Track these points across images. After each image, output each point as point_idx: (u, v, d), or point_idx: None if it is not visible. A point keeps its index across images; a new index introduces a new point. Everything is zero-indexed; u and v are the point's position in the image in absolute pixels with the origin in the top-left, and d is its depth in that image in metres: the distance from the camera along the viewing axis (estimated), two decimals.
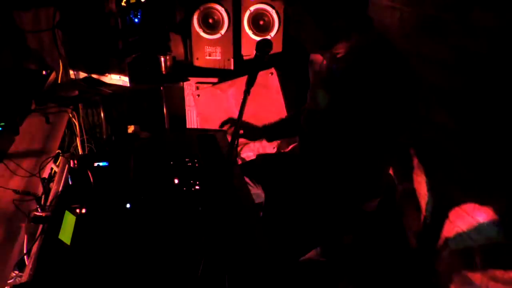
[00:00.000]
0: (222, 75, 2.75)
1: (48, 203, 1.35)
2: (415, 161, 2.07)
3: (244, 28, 2.68)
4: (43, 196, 1.35)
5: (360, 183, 1.59)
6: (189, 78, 2.75)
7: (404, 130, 1.45)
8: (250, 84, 1.35)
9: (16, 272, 1.45)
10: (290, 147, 2.20)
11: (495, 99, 1.58)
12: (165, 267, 1.06)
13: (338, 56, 1.47)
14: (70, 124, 2.63)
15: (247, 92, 1.33)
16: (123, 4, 2.38)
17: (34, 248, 1.19)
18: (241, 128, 1.55)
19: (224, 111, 2.69)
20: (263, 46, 1.41)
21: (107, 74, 2.44)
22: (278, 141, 2.62)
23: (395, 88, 1.36)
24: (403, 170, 2.17)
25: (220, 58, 2.76)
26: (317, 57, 1.60)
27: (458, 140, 1.78)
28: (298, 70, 2.70)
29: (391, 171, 2.23)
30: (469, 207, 1.74)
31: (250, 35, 2.68)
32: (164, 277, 1.04)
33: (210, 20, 2.68)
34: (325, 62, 1.55)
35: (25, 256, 1.24)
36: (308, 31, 1.44)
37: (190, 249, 1.11)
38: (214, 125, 2.68)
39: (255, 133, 1.93)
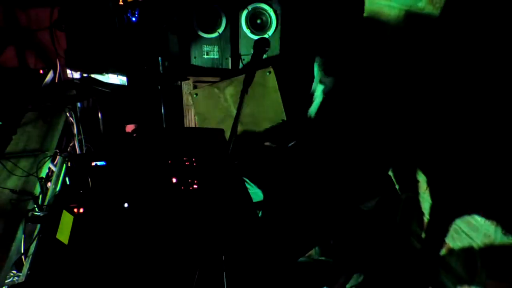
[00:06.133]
0: (220, 74, 2.74)
1: (45, 203, 1.35)
2: (416, 164, 2.07)
3: (241, 27, 2.68)
4: (40, 196, 1.35)
5: (359, 183, 1.59)
6: (187, 77, 2.75)
7: (402, 131, 1.45)
8: (247, 82, 1.34)
9: (14, 271, 1.44)
10: (289, 146, 2.20)
11: (493, 99, 1.58)
12: (163, 266, 1.06)
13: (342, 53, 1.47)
14: (67, 124, 2.63)
15: (244, 91, 1.32)
16: (120, 3, 2.38)
17: (32, 247, 1.19)
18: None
19: (222, 110, 2.69)
20: (261, 45, 1.41)
21: (104, 74, 2.43)
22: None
23: (392, 88, 1.36)
24: (404, 173, 2.16)
25: (217, 57, 2.76)
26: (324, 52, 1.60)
27: (457, 140, 1.78)
28: (296, 69, 2.70)
29: (390, 173, 2.23)
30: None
31: (247, 34, 2.68)
32: (162, 276, 1.04)
33: (208, 19, 2.67)
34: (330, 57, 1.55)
35: (22, 256, 1.23)
36: None
37: (188, 248, 1.11)
38: (211, 124, 2.69)
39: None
